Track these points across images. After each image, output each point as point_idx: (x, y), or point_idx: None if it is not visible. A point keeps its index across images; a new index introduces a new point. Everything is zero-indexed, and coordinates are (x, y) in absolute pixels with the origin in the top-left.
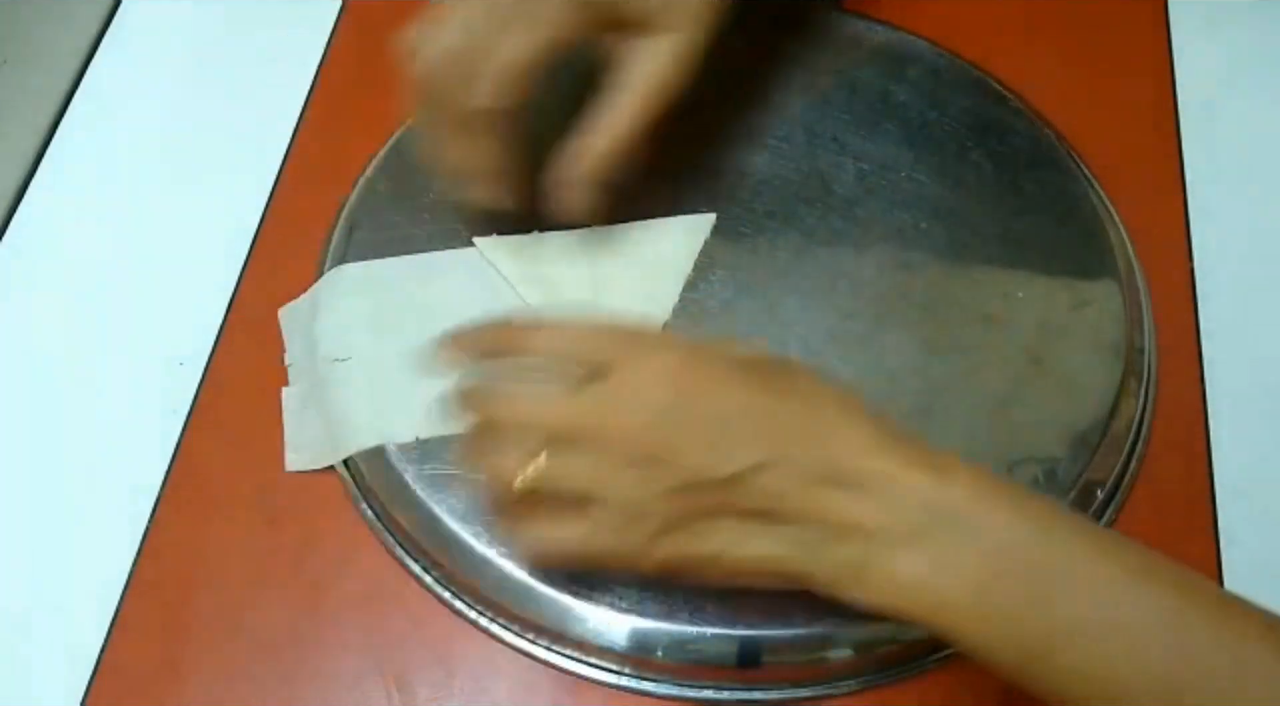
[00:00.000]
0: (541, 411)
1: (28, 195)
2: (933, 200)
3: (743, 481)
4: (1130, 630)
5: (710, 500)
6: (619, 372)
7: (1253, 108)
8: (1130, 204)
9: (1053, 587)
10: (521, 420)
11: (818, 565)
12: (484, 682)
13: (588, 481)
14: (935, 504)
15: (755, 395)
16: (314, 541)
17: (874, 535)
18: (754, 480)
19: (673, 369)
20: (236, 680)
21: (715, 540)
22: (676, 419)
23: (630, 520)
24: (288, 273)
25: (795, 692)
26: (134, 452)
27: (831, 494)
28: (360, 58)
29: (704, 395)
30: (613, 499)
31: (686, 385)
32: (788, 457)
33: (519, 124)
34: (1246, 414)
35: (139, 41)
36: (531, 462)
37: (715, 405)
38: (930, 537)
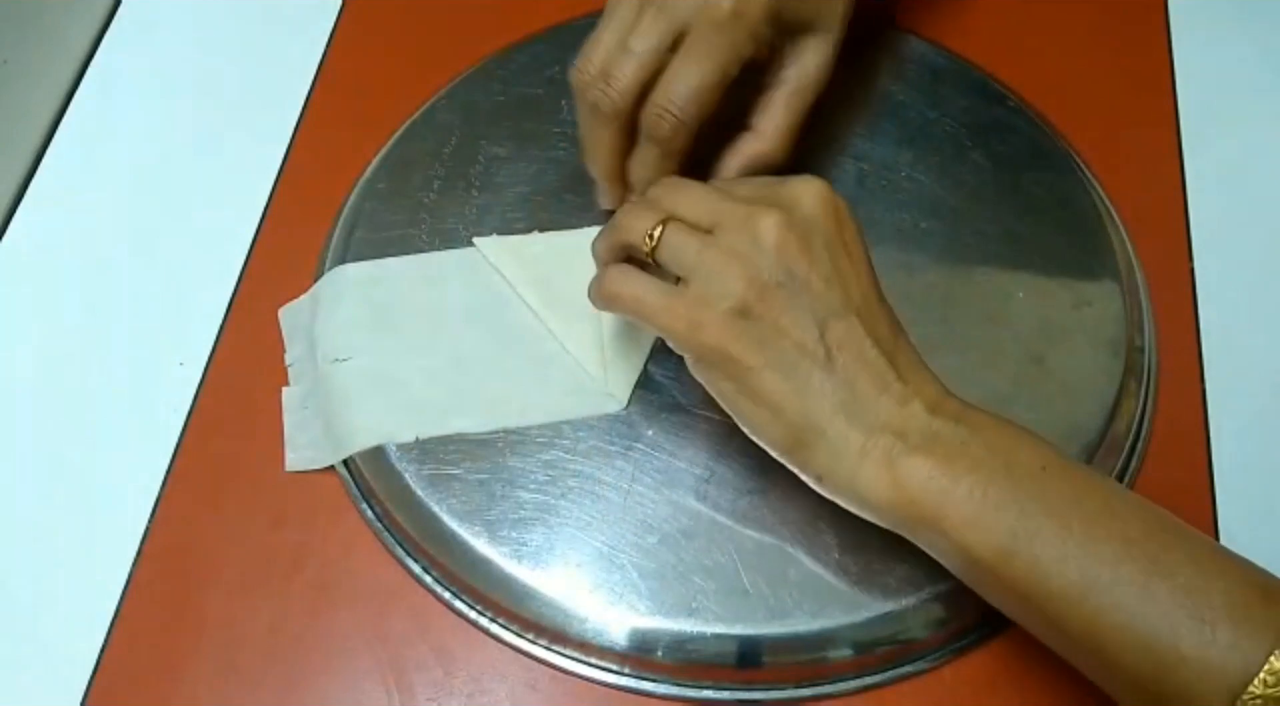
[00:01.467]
0: (702, 200)
1: (28, 195)
2: (933, 200)
3: (834, 318)
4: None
5: (783, 317)
6: (769, 195)
7: (1253, 108)
8: (1130, 204)
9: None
10: (673, 202)
11: (834, 427)
12: (484, 682)
13: (697, 257)
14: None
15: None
16: (314, 541)
17: (902, 426)
18: (837, 328)
19: (816, 203)
20: (236, 680)
21: (759, 356)
22: (804, 240)
23: (711, 298)
24: (288, 273)
25: (795, 692)
26: (134, 452)
27: (884, 376)
28: (360, 58)
29: (834, 235)
30: (718, 283)
31: (820, 223)
32: (867, 333)
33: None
34: (1246, 413)
35: (139, 41)
36: (660, 226)
37: (835, 252)
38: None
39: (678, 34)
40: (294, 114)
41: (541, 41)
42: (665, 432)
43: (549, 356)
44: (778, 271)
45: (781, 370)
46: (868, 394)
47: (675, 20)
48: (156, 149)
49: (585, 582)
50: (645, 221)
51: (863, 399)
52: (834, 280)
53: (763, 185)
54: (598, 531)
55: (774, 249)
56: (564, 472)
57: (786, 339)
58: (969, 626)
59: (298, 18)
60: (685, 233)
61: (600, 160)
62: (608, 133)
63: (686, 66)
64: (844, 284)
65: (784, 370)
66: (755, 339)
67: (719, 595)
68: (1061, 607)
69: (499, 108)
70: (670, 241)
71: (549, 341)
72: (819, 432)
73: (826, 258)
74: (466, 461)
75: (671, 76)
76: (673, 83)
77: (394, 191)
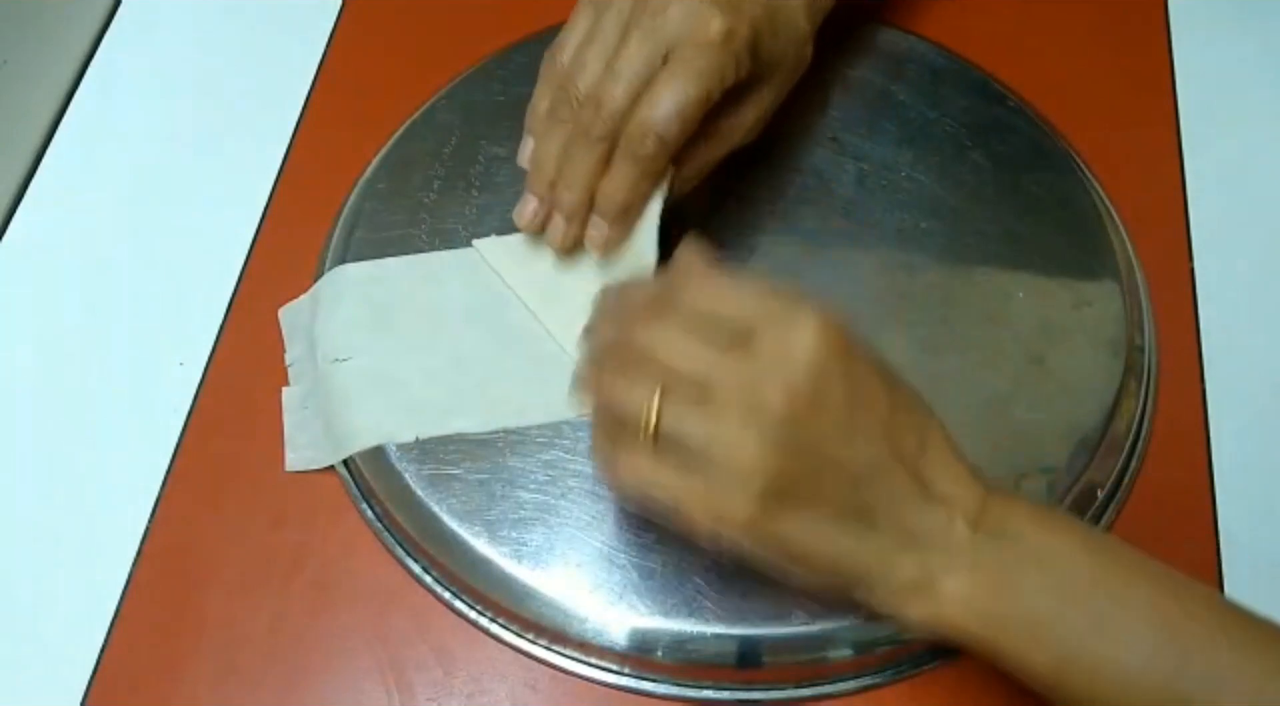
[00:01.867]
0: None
1: (28, 195)
2: (933, 200)
3: (867, 477)
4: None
5: (823, 483)
6: (762, 339)
7: (1253, 108)
8: (1130, 204)
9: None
10: (664, 358)
11: (885, 569)
12: (484, 682)
13: (710, 437)
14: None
15: (880, 397)
16: (314, 541)
17: (947, 553)
18: (876, 478)
19: (813, 348)
20: (236, 680)
21: (810, 524)
22: (816, 395)
23: (739, 484)
24: (288, 273)
25: (795, 692)
26: (134, 452)
27: (921, 509)
28: (360, 58)
29: (845, 378)
30: (732, 460)
31: (824, 368)
32: (899, 464)
33: (667, 163)
34: (1246, 413)
35: (139, 41)
36: (656, 399)
37: (854, 392)
38: (995, 562)
39: (664, 55)
40: (294, 114)
41: (541, 41)
42: None
43: (549, 356)
44: (795, 442)
45: (821, 536)
46: (910, 532)
47: (662, 41)
48: (156, 149)
49: (585, 582)
50: (638, 393)
51: (905, 538)
52: (856, 431)
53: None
54: (598, 531)
55: (787, 421)
56: (564, 472)
57: (823, 506)
58: None
59: (298, 18)
60: (685, 409)
61: (579, 182)
62: (593, 156)
63: (672, 87)
64: (866, 431)
65: (823, 535)
66: (790, 511)
67: (719, 595)
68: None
69: (499, 108)
70: (672, 425)
71: (548, 341)
72: (866, 577)
73: (844, 411)
74: (466, 461)
75: (656, 96)
76: (657, 103)
77: (394, 191)
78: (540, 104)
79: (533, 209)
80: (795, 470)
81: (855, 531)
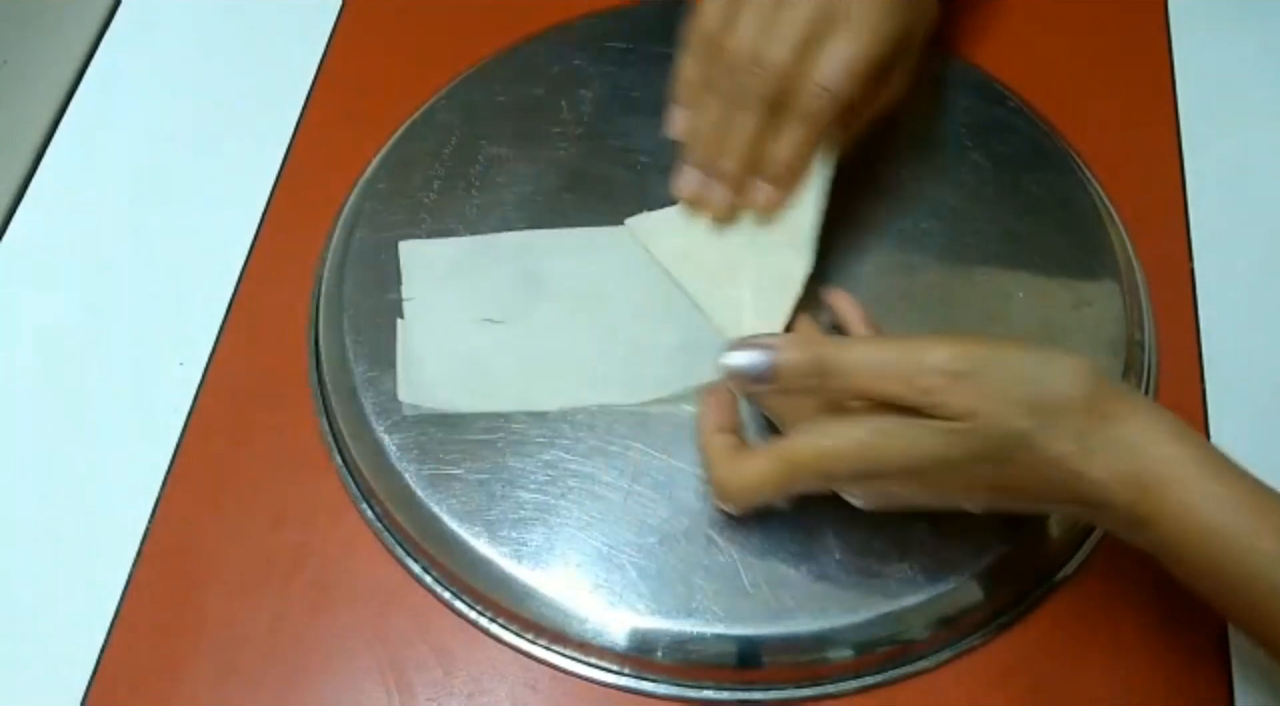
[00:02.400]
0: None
1: (28, 195)
2: (933, 200)
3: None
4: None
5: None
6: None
7: (1253, 108)
8: (1130, 204)
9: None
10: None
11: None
12: (484, 682)
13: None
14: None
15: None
16: (314, 541)
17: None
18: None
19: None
20: (237, 680)
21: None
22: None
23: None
24: (288, 273)
25: (795, 692)
26: (134, 453)
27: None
28: (360, 58)
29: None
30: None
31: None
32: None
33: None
34: (1246, 413)
35: (139, 41)
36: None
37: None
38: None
39: (830, 16)
40: (294, 114)
41: (541, 41)
42: (665, 433)
43: (695, 331)
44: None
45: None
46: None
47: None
48: (156, 149)
49: (585, 582)
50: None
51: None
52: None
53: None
54: (598, 531)
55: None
56: (564, 472)
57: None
58: (969, 626)
59: (298, 18)
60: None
61: (741, 148)
62: (754, 117)
63: (845, 44)
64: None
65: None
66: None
67: (719, 595)
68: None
69: (499, 108)
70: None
71: (696, 315)
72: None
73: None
74: (466, 461)
75: (825, 53)
76: (830, 60)
77: (394, 191)
78: (688, 72)
79: (692, 180)
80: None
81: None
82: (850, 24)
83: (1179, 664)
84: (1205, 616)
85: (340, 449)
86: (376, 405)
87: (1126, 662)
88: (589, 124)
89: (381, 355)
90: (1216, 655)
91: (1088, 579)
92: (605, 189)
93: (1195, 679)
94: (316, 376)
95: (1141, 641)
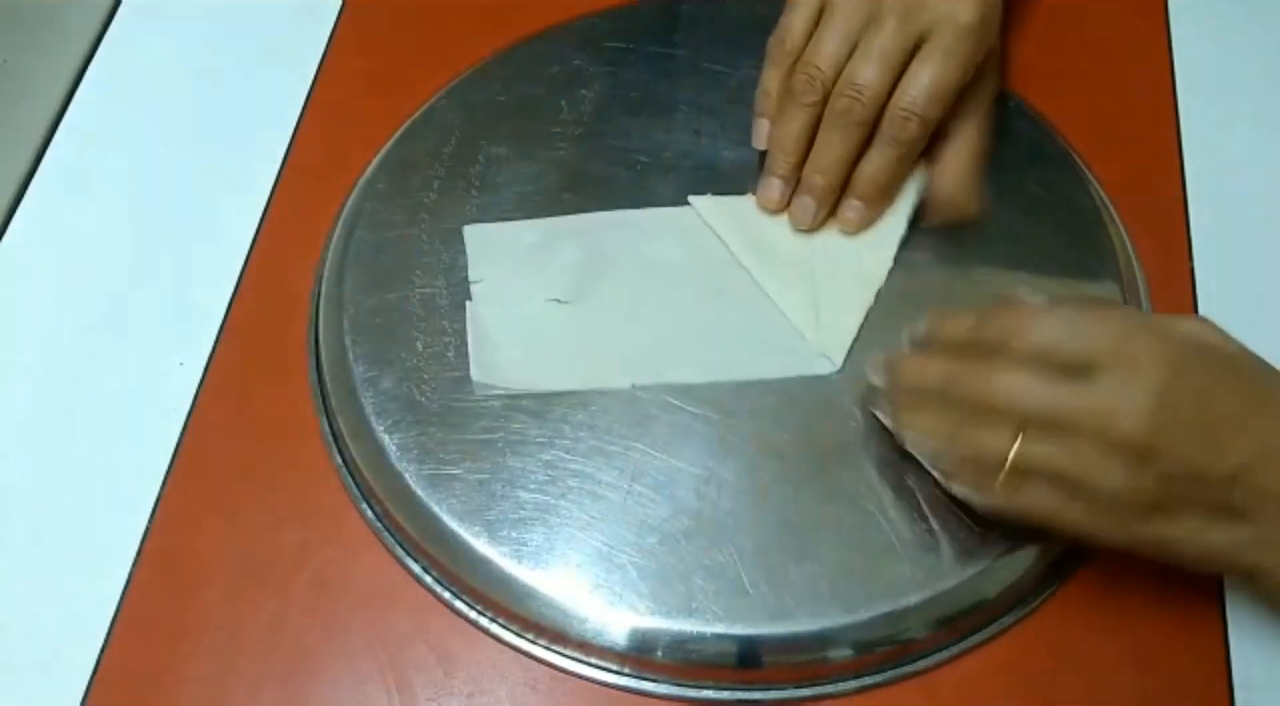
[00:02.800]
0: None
1: (28, 195)
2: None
3: (1234, 479)
4: None
5: (1193, 492)
6: (1110, 368)
7: (1253, 107)
8: (1130, 204)
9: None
10: (1014, 403)
11: (1274, 562)
12: (484, 682)
13: (1076, 468)
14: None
15: (1242, 394)
16: (314, 541)
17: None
18: (1243, 478)
19: (1163, 367)
20: (237, 680)
21: (1184, 526)
22: (1170, 417)
23: (1112, 504)
24: (288, 273)
25: (795, 692)
26: (134, 453)
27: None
28: (360, 58)
29: (1195, 394)
30: (1101, 486)
31: (1178, 384)
32: (1272, 459)
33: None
34: None
35: (139, 42)
36: (1015, 443)
37: (1206, 404)
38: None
39: (917, 40)
40: (294, 114)
41: (541, 41)
42: (665, 432)
43: (762, 315)
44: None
45: (1194, 535)
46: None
47: (916, 25)
48: (156, 149)
49: (585, 582)
50: (999, 440)
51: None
52: (1214, 439)
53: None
54: (598, 531)
55: (1144, 446)
56: (564, 472)
57: (1195, 509)
58: (969, 626)
59: (298, 18)
60: (1045, 448)
61: (836, 166)
62: (852, 141)
63: (932, 68)
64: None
65: (1197, 534)
66: (1162, 517)
67: (719, 595)
68: None
69: (499, 108)
70: (1035, 463)
71: (763, 300)
72: (1255, 569)
73: (1196, 426)
74: (466, 461)
75: (915, 78)
76: (917, 84)
77: (394, 191)
78: (771, 85)
79: (779, 191)
80: (1160, 487)
81: (1232, 527)
82: (941, 51)
83: (1179, 663)
84: (1205, 616)
85: (340, 449)
86: (376, 405)
87: (1126, 662)
88: (589, 124)
89: (381, 355)
90: (1216, 655)
91: (1088, 579)
92: (605, 189)
93: (1195, 678)
94: (316, 376)
95: (1141, 641)
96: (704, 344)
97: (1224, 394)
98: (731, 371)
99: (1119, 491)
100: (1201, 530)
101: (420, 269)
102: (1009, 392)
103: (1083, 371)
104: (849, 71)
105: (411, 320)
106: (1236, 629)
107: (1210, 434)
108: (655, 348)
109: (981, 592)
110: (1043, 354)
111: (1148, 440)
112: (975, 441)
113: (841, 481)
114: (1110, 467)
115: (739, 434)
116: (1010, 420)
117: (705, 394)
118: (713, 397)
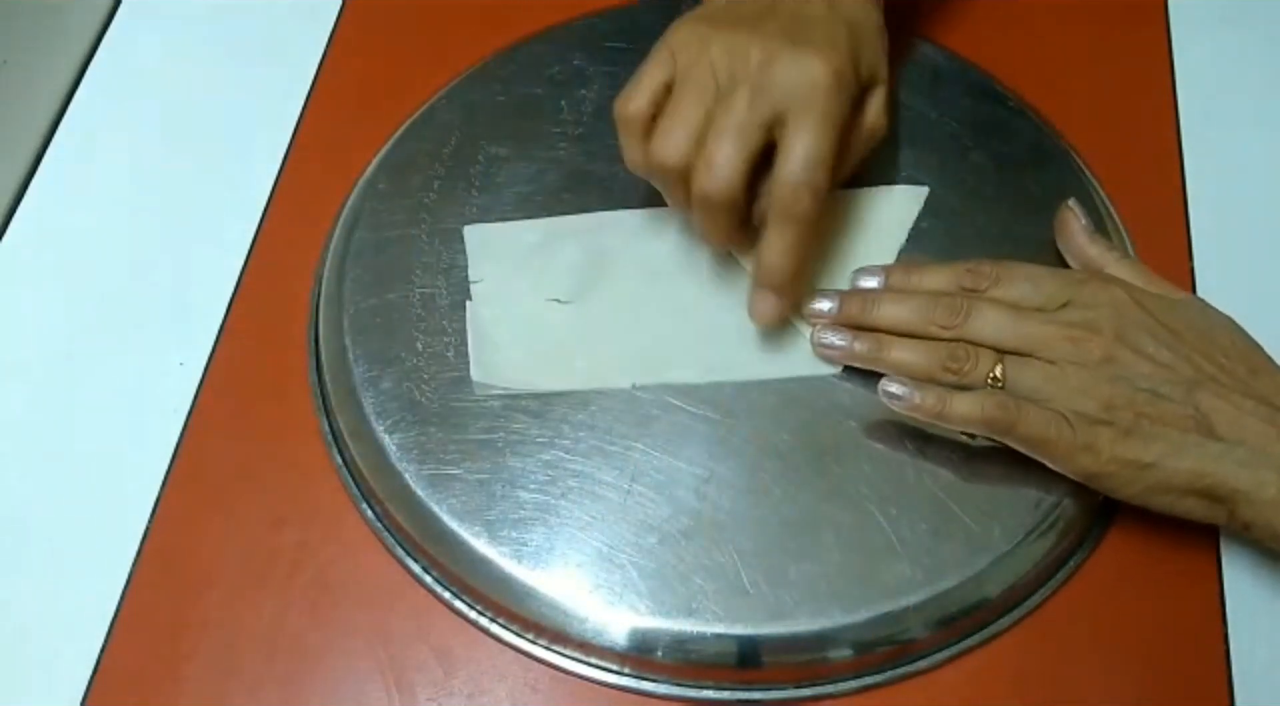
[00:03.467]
0: (1016, 327)
1: (28, 195)
2: (933, 200)
3: (1192, 389)
4: None
5: (1157, 408)
6: (1073, 304)
7: (1253, 107)
8: (1130, 204)
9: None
10: (984, 333)
11: (1248, 479)
12: (484, 682)
13: (1054, 387)
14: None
15: (1189, 327)
16: (314, 541)
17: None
18: (1200, 390)
19: (1119, 292)
20: (237, 680)
21: (1155, 448)
22: (1122, 332)
23: (1081, 416)
24: (288, 273)
25: (795, 692)
26: (134, 453)
27: (1261, 421)
28: (360, 58)
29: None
30: (1073, 400)
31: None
32: (1227, 377)
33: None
34: None
35: (138, 42)
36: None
37: (1155, 324)
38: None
39: (776, 113)
40: (294, 114)
41: (541, 41)
42: (665, 432)
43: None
44: (1128, 380)
45: (1176, 455)
46: (1262, 441)
47: (771, 98)
48: (156, 149)
49: (585, 582)
50: (983, 365)
51: (1258, 448)
52: (1174, 360)
53: (1051, 293)
54: (598, 531)
55: (1108, 357)
56: (564, 472)
57: (1167, 427)
58: (969, 626)
59: (298, 18)
60: (1026, 369)
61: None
62: (725, 217)
63: (807, 137)
64: (1182, 350)
65: (1178, 454)
66: (1140, 440)
67: (719, 595)
68: None
69: (499, 108)
70: (1017, 378)
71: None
72: (1234, 491)
73: (1153, 343)
74: (466, 461)
75: (793, 151)
76: (798, 156)
77: (394, 191)
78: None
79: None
80: (1133, 404)
81: (1203, 448)
82: (806, 119)
83: (1179, 664)
84: (1205, 616)
85: (340, 449)
86: (376, 405)
87: (1126, 662)
88: (589, 124)
89: (381, 355)
90: (1216, 654)
91: (1088, 579)
92: (605, 189)
93: (1195, 679)
94: (316, 376)
95: (1141, 641)
96: (704, 344)
97: (1180, 321)
98: (731, 371)
99: (1095, 411)
100: (1176, 451)
101: (420, 269)
102: (984, 325)
103: (1054, 309)
104: (710, 152)
105: (411, 320)
106: (1236, 628)
107: (1167, 346)
108: (655, 347)
109: (981, 592)
110: (1016, 301)
111: (1110, 352)
112: (960, 370)
113: (841, 481)
114: (1082, 381)
115: (739, 434)
116: (989, 355)
117: (705, 394)
118: (713, 397)
